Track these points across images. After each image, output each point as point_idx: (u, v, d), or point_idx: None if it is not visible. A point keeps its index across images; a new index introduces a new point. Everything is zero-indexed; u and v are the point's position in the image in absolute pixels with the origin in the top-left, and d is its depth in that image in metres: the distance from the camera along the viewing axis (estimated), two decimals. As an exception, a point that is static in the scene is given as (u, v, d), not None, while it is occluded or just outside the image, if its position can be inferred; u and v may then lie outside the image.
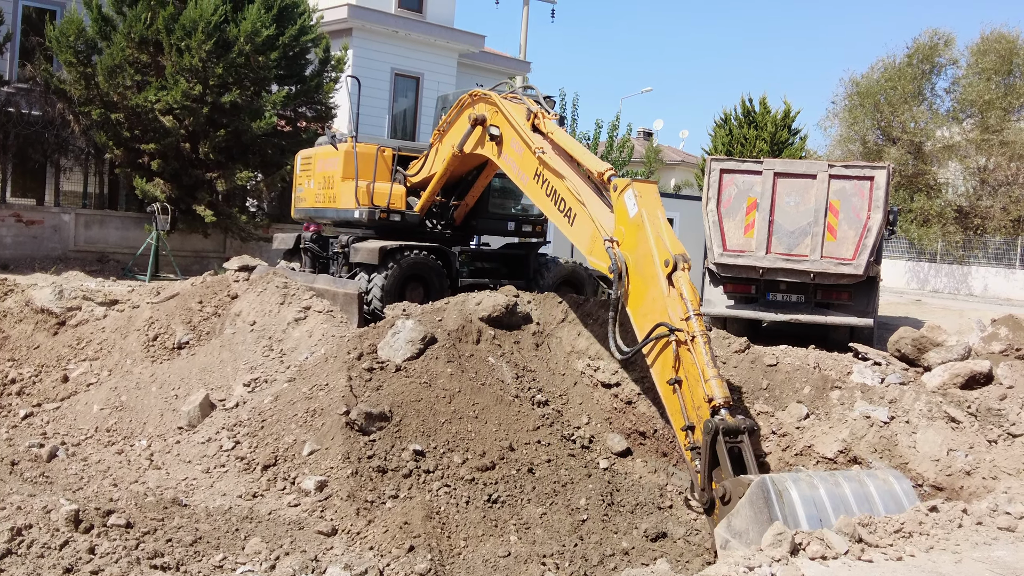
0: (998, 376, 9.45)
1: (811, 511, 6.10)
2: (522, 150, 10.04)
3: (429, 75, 29.91)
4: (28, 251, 21.77)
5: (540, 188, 9.68)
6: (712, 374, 7.12)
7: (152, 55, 20.82)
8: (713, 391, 7.04)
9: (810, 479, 6.37)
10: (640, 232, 8.03)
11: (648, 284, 7.87)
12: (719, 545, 6.62)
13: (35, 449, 7.95)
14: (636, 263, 8.06)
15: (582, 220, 8.99)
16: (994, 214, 37.18)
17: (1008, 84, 37.09)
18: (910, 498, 6.59)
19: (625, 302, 8.16)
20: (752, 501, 6.31)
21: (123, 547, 5.56)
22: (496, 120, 10.53)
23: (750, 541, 6.22)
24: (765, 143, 39.50)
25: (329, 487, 6.89)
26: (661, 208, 8.28)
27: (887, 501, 6.48)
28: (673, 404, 7.44)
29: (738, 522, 6.42)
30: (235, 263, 12.40)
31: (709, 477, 6.98)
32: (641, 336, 7.78)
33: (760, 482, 6.29)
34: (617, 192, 8.38)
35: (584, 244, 8.94)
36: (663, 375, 7.54)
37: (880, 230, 14.40)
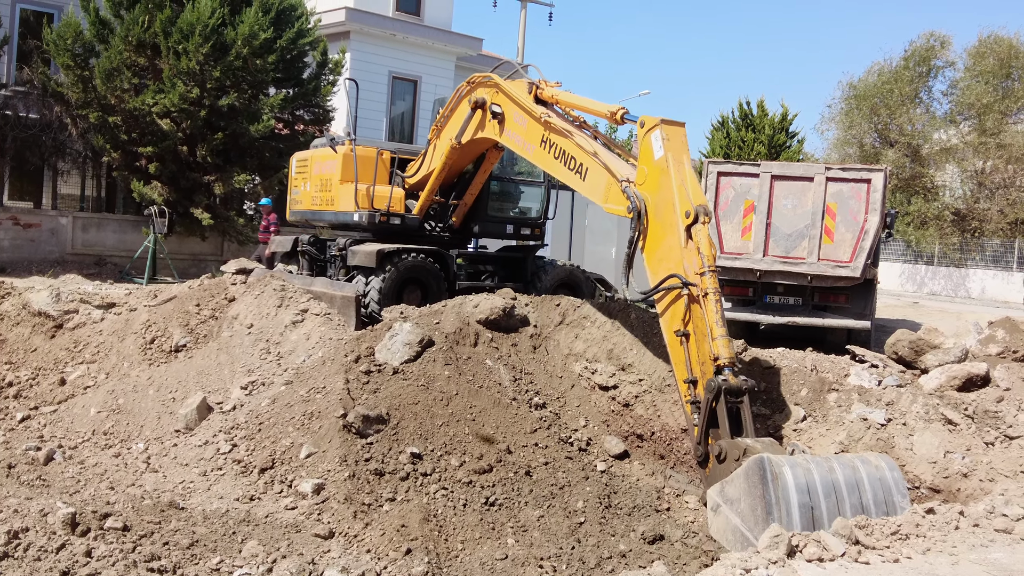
0: (995, 378, 9.46)
1: (803, 498, 6.22)
2: (526, 121, 10.10)
3: (427, 78, 29.94)
4: (25, 254, 21.76)
5: (548, 153, 9.71)
6: (720, 333, 7.30)
7: (150, 58, 20.83)
8: (719, 350, 7.24)
9: (806, 463, 6.47)
10: (664, 177, 8.02)
11: (666, 231, 7.94)
12: (709, 507, 6.96)
13: (32, 452, 7.94)
14: (656, 207, 8.08)
15: (594, 171, 9.01)
16: (991, 217, 37.23)
17: (1006, 87, 37.16)
18: (899, 486, 6.68)
19: (641, 245, 8.20)
20: (748, 475, 6.52)
21: (120, 550, 5.56)
22: (497, 99, 10.59)
23: (740, 512, 6.56)
24: (763, 146, 39.58)
25: (326, 490, 6.88)
26: (687, 153, 8.26)
27: (876, 489, 6.58)
28: (678, 355, 7.63)
29: (731, 490, 6.71)
30: (232, 266, 12.40)
31: (706, 433, 7.28)
32: (653, 281, 7.91)
33: (759, 460, 6.43)
34: (644, 129, 8.29)
35: (599, 194, 8.93)
36: (671, 325, 7.71)
37: (877, 233, 14.43)
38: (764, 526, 6.23)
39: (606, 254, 23.39)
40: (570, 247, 22.38)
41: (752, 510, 6.46)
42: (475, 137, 11.15)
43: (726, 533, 6.74)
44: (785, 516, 6.19)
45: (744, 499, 6.56)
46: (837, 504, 6.34)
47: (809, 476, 6.33)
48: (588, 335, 9.69)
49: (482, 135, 11.01)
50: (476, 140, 11.29)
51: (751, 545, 6.32)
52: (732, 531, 6.65)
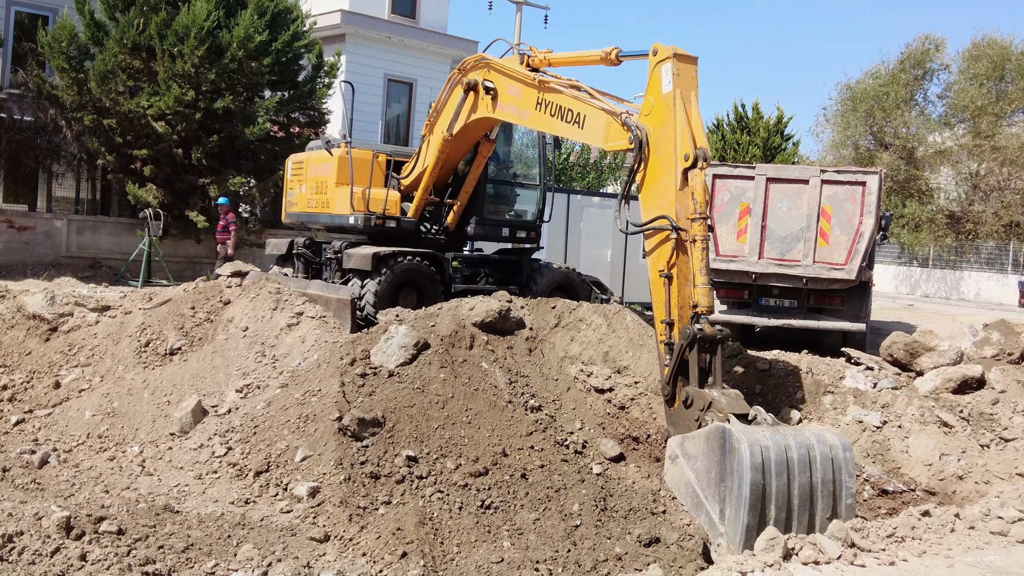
0: (990, 381, 9.47)
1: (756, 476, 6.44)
2: (520, 90, 10.18)
3: (422, 80, 29.92)
4: (20, 257, 21.72)
5: (544, 114, 9.77)
6: (702, 281, 7.50)
7: (145, 61, 20.81)
8: (699, 298, 7.48)
9: (764, 439, 6.65)
10: (668, 113, 8.02)
11: (663, 170, 8.00)
12: (668, 455, 7.41)
13: (26, 456, 7.91)
14: (657, 143, 8.11)
15: (592, 115, 9.05)
16: (986, 219, 37.31)
17: (1000, 89, 37.24)
18: (848, 467, 6.83)
19: (640, 175, 8.24)
20: (708, 439, 6.89)
21: (115, 554, 5.54)
22: (489, 76, 10.69)
23: (695, 469, 7.00)
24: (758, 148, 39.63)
25: (322, 493, 6.87)
26: (696, 92, 8.22)
27: (826, 468, 6.76)
28: (659, 295, 7.82)
29: (691, 447, 7.12)
30: (227, 269, 12.37)
31: (675, 375, 7.62)
32: (645, 217, 8.05)
33: (720, 430, 6.77)
34: (656, 59, 8.24)
35: (599, 135, 8.95)
36: (656, 264, 7.88)
37: (872, 235, 14.45)
38: (716, 490, 6.70)
39: (601, 257, 23.40)
40: (566, 250, 22.39)
41: (707, 471, 6.84)
42: (468, 122, 11.18)
43: (679, 485, 7.18)
44: (736, 488, 6.50)
45: (701, 459, 6.94)
46: (788, 483, 6.57)
47: (765, 454, 6.53)
48: (584, 338, 9.69)
49: (475, 117, 11.06)
50: (469, 127, 11.32)
51: (701, 504, 6.85)
52: (685, 485, 7.09)
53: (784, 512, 6.52)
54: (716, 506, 6.69)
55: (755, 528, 6.41)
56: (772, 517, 6.46)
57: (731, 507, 6.53)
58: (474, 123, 11.25)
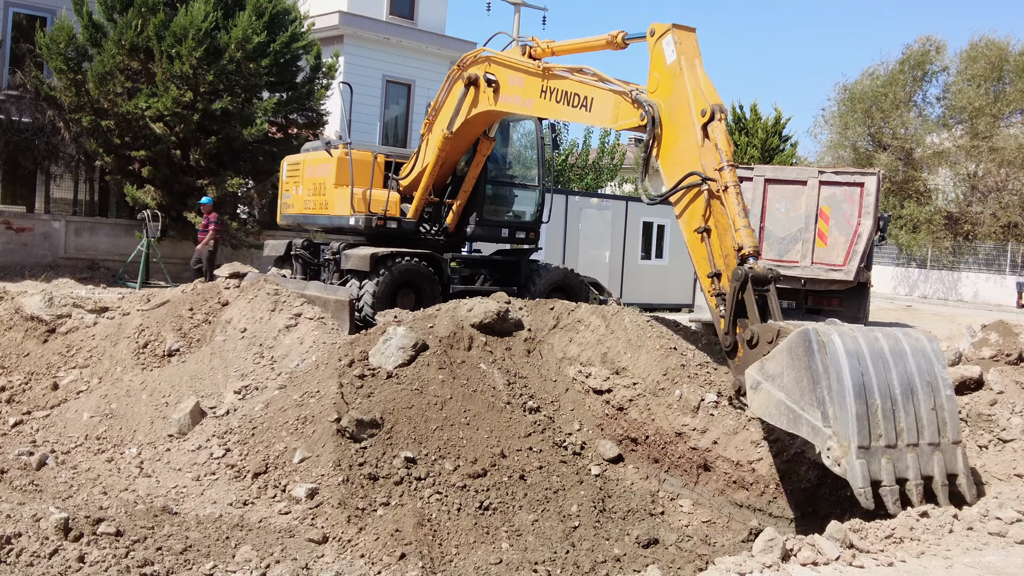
0: (989, 382, 9.45)
1: (853, 363, 6.23)
2: (523, 79, 10.23)
3: (421, 82, 29.92)
4: (18, 258, 21.71)
5: (550, 101, 9.81)
6: (743, 223, 7.39)
7: (143, 62, 20.80)
8: (743, 240, 7.34)
9: (852, 331, 6.49)
10: (677, 80, 8.05)
11: (680, 133, 8.00)
12: (749, 385, 6.97)
13: (24, 457, 7.91)
14: (669, 111, 8.14)
15: (600, 97, 9.08)
16: (984, 220, 37.35)
17: (998, 91, 37.28)
18: (939, 357, 6.72)
19: (655, 150, 8.24)
20: (791, 348, 6.55)
21: (113, 555, 5.54)
22: (491, 69, 10.70)
23: (783, 386, 6.56)
24: (756, 150, 39.67)
25: (320, 495, 6.86)
26: (700, 58, 8.28)
27: (919, 359, 6.60)
28: (700, 252, 7.74)
29: (772, 366, 6.72)
30: (226, 270, 12.36)
31: (733, 322, 7.35)
32: (670, 183, 7.99)
33: (803, 332, 6.48)
34: (655, 38, 8.33)
35: (607, 115, 8.99)
36: (691, 223, 7.81)
37: (870, 236, 14.46)
38: (811, 396, 6.33)
39: (600, 257, 23.42)
40: (564, 251, 22.40)
41: (797, 382, 6.46)
42: (469, 117, 11.19)
43: (768, 408, 6.76)
44: (836, 383, 6.21)
45: (787, 372, 6.55)
46: (885, 371, 6.35)
47: (856, 344, 6.35)
48: (582, 339, 9.68)
49: (476, 111, 11.08)
50: (470, 123, 11.33)
51: (799, 417, 6.43)
52: (776, 405, 6.66)
53: (888, 400, 6.32)
54: (816, 411, 6.33)
55: (865, 417, 6.18)
56: (879, 406, 6.24)
57: (834, 403, 6.23)
58: (475, 118, 11.26)
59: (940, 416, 6.58)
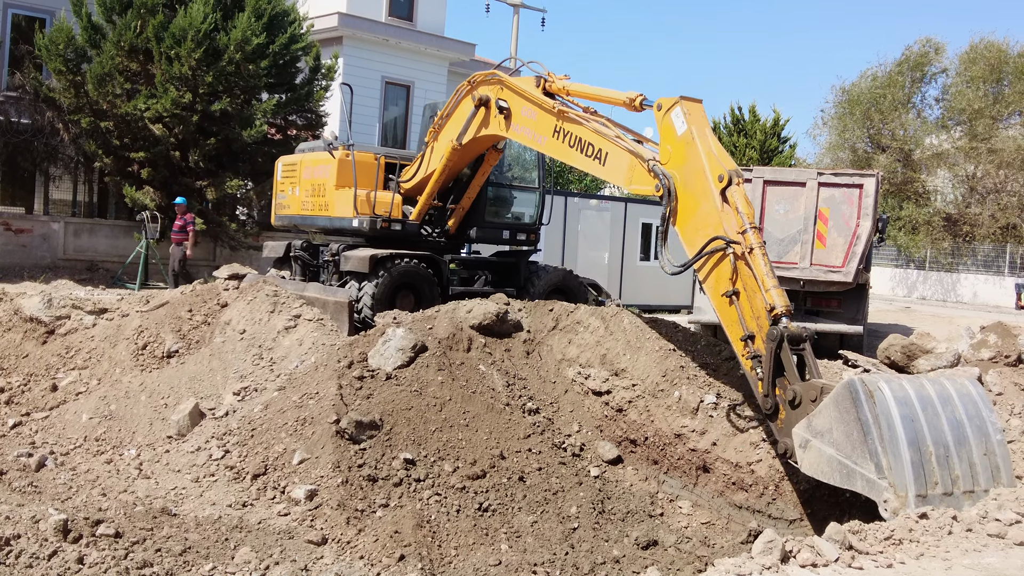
0: (987, 383, 9.46)
1: (904, 410, 6.20)
2: (536, 114, 10.14)
3: (420, 83, 29.94)
4: (17, 259, 21.70)
5: (562, 143, 9.76)
6: (772, 283, 7.38)
7: (142, 63, 20.80)
8: (775, 300, 7.30)
9: (898, 379, 6.46)
10: (690, 148, 8.09)
11: (700, 200, 8.00)
12: (797, 444, 6.84)
13: (23, 459, 7.91)
14: (685, 180, 8.15)
15: (615, 155, 9.06)
16: (982, 221, 37.36)
17: (997, 92, 37.30)
18: (985, 400, 6.70)
19: (673, 220, 8.26)
20: (838, 402, 6.47)
21: (112, 557, 5.54)
22: (503, 95, 10.61)
23: (833, 441, 6.45)
24: (755, 151, 39.68)
25: (319, 496, 6.86)
26: (709, 127, 8.37)
27: (966, 403, 6.58)
28: (730, 316, 7.68)
29: (820, 422, 6.62)
30: (225, 271, 12.36)
31: (772, 383, 7.25)
32: (691, 252, 7.99)
33: (849, 383, 6.42)
34: (663, 111, 8.39)
35: (622, 176, 8.98)
36: (718, 288, 7.77)
37: (869, 237, 14.46)
38: (863, 449, 6.26)
39: (599, 259, 23.42)
40: (563, 252, 22.40)
41: (847, 436, 6.37)
42: (478, 136, 11.15)
43: (820, 466, 6.64)
44: (887, 432, 6.15)
45: (836, 427, 6.46)
46: (935, 418, 6.31)
47: (904, 391, 6.31)
48: (581, 340, 9.69)
49: (486, 133, 11.02)
50: (478, 139, 11.29)
51: (852, 472, 6.34)
52: (828, 462, 6.56)
53: (942, 447, 6.24)
54: (870, 463, 6.24)
55: (920, 465, 6.11)
56: (932, 453, 6.17)
57: (888, 453, 6.16)
58: (484, 137, 11.22)
59: (993, 461, 6.52)
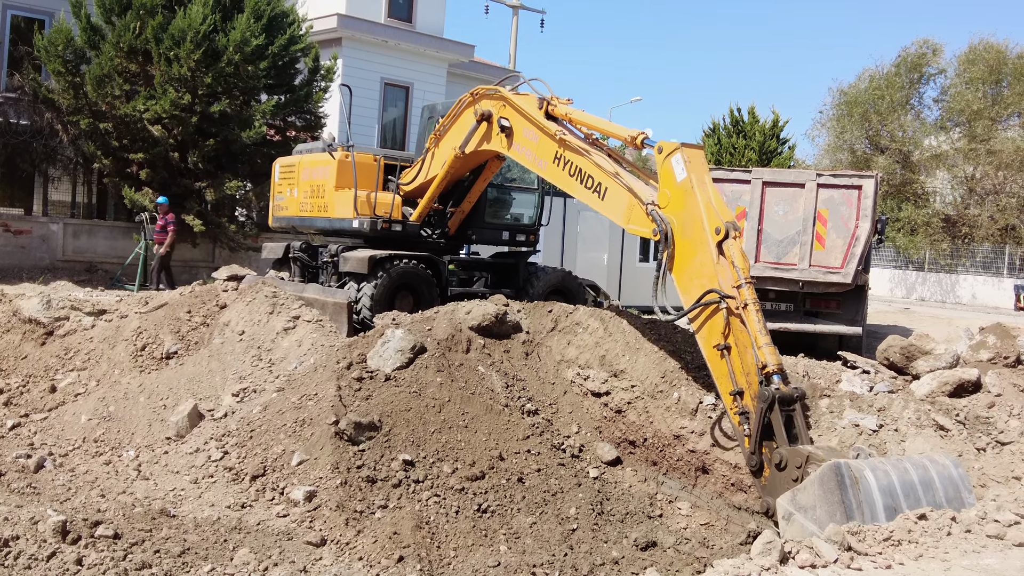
0: (986, 384, 9.47)
1: (887, 500, 6.30)
2: (538, 137, 10.08)
3: (419, 84, 29.92)
4: (16, 261, 21.68)
5: (562, 171, 9.71)
6: (765, 341, 7.39)
7: (141, 64, 20.78)
8: (767, 358, 7.32)
9: (883, 465, 6.53)
10: (689, 197, 8.10)
11: (696, 249, 8.02)
12: (781, 515, 6.86)
13: (22, 460, 7.91)
14: (683, 227, 8.16)
15: (614, 191, 9.04)
16: (981, 223, 37.38)
17: (996, 94, 37.31)
18: (965, 483, 6.79)
19: (669, 266, 8.28)
20: (823, 481, 6.51)
21: (111, 558, 5.54)
22: (505, 113, 10.58)
23: (816, 519, 6.48)
24: (754, 152, 39.68)
25: (318, 497, 6.87)
26: (708, 174, 8.36)
27: (946, 486, 6.68)
28: (720, 369, 7.67)
29: (804, 498, 6.66)
30: (224, 272, 12.35)
31: (759, 442, 7.29)
32: (685, 299, 8.01)
33: (835, 466, 6.46)
34: (663, 155, 8.38)
35: (620, 214, 8.97)
36: (710, 340, 7.77)
37: (868, 239, 14.47)
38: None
39: (598, 260, 23.41)
40: (562, 253, 22.39)
41: (830, 516, 6.42)
42: (479, 149, 11.13)
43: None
44: (869, 519, 6.22)
45: (820, 506, 6.52)
46: (915, 504, 6.39)
47: (888, 478, 6.41)
48: (580, 341, 9.69)
49: (487, 147, 10.97)
50: (479, 153, 11.27)
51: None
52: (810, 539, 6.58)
53: None
54: None
55: None
56: None
57: None
58: (485, 150, 11.22)
59: None
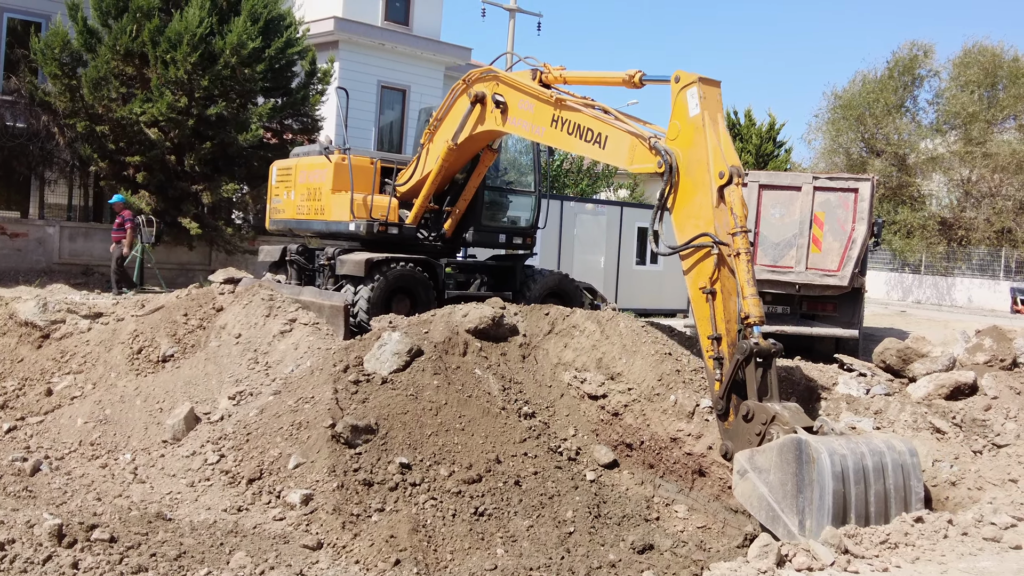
0: (983, 387, 9.47)
1: (838, 485, 6.43)
2: (533, 105, 10.12)
3: (416, 87, 29.93)
4: (12, 264, 21.65)
5: (561, 131, 9.72)
6: (751, 292, 7.45)
7: (138, 67, 20.77)
8: (751, 309, 7.41)
9: (841, 448, 6.66)
10: (698, 134, 8.03)
11: (697, 189, 7.99)
12: (736, 470, 7.08)
13: (18, 463, 7.89)
14: (688, 164, 8.11)
15: (615, 137, 9.02)
16: (978, 225, 37.45)
17: (991, 96, 37.39)
18: (916, 472, 6.93)
19: (670, 202, 8.24)
20: (782, 451, 6.71)
21: (107, 562, 5.53)
22: (499, 90, 10.64)
23: (768, 482, 6.75)
24: (750, 155, 39.74)
25: (315, 500, 6.86)
26: (722, 114, 8.27)
27: (897, 475, 6.81)
28: (703, 311, 7.73)
29: (761, 460, 6.87)
30: (220, 275, 12.34)
31: (728, 389, 7.44)
32: (680, 237, 8.02)
33: (796, 441, 6.63)
34: (680, 85, 8.26)
35: (623, 156, 8.93)
36: (697, 281, 7.82)
37: (865, 242, 14.48)
38: (793, 502, 6.54)
39: (595, 263, 23.42)
40: (559, 256, 22.40)
41: (782, 484, 6.64)
42: (474, 133, 11.15)
43: (752, 499, 6.92)
44: (817, 499, 6.40)
45: (775, 472, 6.74)
46: (865, 490, 6.57)
47: (844, 463, 6.52)
48: (577, 344, 9.69)
49: (482, 129, 11.02)
50: (474, 138, 11.29)
51: (777, 517, 6.62)
52: (759, 499, 6.84)
53: (863, 520, 6.55)
54: (795, 517, 6.58)
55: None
56: (852, 522, 6.47)
57: (812, 517, 6.48)
58: (480, 134, 11.24)
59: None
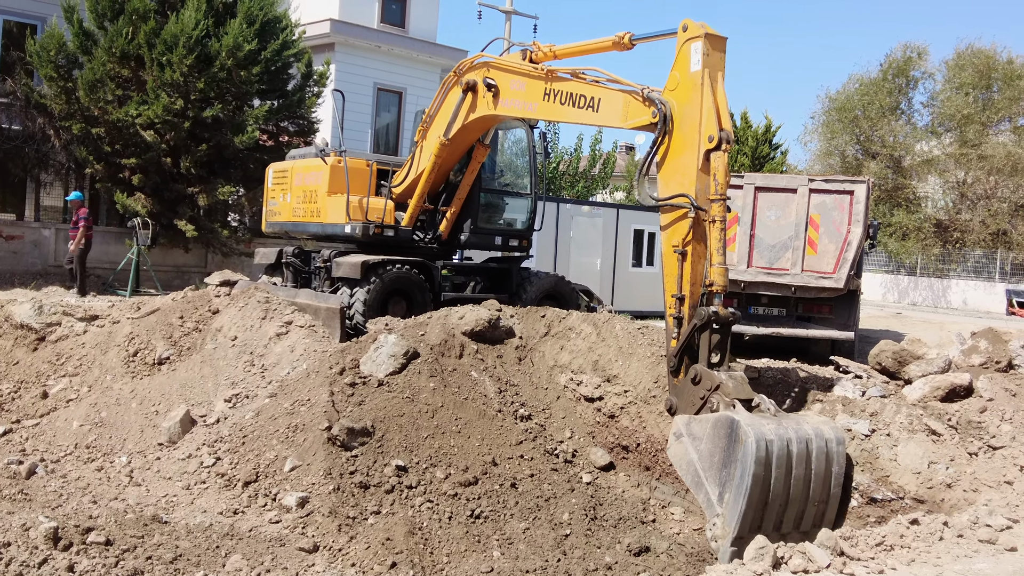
0: (978, 389, 9.50)
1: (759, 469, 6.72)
2: (524, 83, 10.19)
3: (412, 89, 29.93)
4: (8, 266, 21.63)
5: (554, 103, 9.76)
6: (718, 260, 7.72)
7: (133, 70, 20.76)
8: (715, 277, 7.73)
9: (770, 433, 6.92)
10: (695, 92, 8.04)
11: (684, 148, 8.10)
12: (673, 431, 7.60)
13: (14, 466, 7.87)
14: (681, 120, 8.16)
15: (608, 97, 9.06)
16: (973, 227, 37.51)
17: (987, 99, 37.46)
18: (839, 460, 7.27)
19: (663, 148, 8.30)
20: (716, 425, 7.13)
21: (102, 565, 5.52)
22: (490, 75, 10.73)
23: (699, 450, 7.20)
24: (746, 157, 39.75)
25: (311, 503, 6.85)
26: (723, 73, 8.21)
27: (820, 461, 7.14)
28: (672, 269, 8.04)
29: (697, 428, 7.34)
30: (216, 278, 12.33)
31: (682, 349, 7.96)
32: (663, 191, 8.22)
33: (730, 420, 7.01)
34: (685, 36, 8.19)
35: (617, 115, 8.96)
36: (671, 239, 8.08)
37: (860, 244, 14.51)
38: (717, 474, 6.98)
39: (591, 265, 23.44)
40: (555, 258, 22.41)
41: (711, 455, 7.08)
42: (466, 122, 11.17)
43: (682, 461, 7.40)
44: (738, 477, 6.77)
45: (706, 442, 7.16)
46: (786, 475, 6.91)
47: (769, 448, 6.82)
48: (573, 346, 9.69)
49: (475, 116, 11.06)
50: (467, 127, 11.31)
51: (701, 484, 7.10)
52: (688, 463, 7.31)
53: (778, 504, 6.86)
54: (716, 488, 6.94)
55: (750, 515, 6.76)
56: (768, 505, 6.80)
57: (731, 493, 6.81)
58: (472, 124, 11.25)
59: (820, 509, 7.21)
